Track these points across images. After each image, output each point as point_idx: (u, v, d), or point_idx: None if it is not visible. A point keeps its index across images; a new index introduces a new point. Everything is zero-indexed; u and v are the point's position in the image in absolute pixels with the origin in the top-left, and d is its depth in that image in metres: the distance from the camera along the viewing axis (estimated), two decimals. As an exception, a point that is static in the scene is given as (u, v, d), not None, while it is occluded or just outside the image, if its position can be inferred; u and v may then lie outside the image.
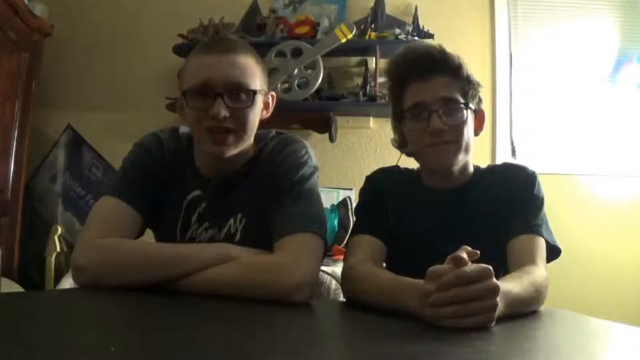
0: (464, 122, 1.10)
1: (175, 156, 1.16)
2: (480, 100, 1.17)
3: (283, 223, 1.03)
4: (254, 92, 1.08)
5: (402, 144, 1.22)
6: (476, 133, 1.17)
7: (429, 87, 1.10)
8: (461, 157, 1.12)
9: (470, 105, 1.12)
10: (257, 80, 1.09)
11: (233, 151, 1.08)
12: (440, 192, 1.17)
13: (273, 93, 1.18)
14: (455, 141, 1.10)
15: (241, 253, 1.00)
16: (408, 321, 0.81)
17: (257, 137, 1.16)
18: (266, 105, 1.16)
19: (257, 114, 1.11)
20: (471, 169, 1.19)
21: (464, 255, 0.78)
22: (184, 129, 1.20)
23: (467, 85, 1.12)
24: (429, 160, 1.15)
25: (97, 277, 0.97)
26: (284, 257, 0.98)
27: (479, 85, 1.16)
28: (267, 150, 1.15)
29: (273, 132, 1.19)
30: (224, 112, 1.04)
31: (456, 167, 1.13)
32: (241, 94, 1.06)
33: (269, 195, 1.09)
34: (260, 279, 0.95)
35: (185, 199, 1.14)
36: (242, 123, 1.07)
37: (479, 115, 1.17)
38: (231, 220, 1.12)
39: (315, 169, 1.13)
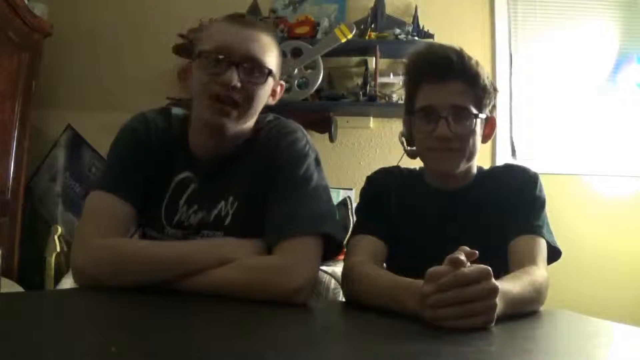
0: (471, 132, 1.09)
1: (164, 136, 1.12)
2: (494, 107, 1.16)
3: (284, 223, 1.01)
4: (269, 72, 1.06)
5: (409, 139, 1.21)
6: (485, 140, 1.16)
7: (441, 91, 1.08)
8: (463, 165, 1.11)
9: (481, 115, 1.10)
10: (273, 61, 1.08)
11: (234, 126, 1.05)
12: (442, 193, 1.17)
13: (283, 83, 1.16)
14: (459, 150, 1.09)
15: (242, 254, 1.00)
16: (408, 321, 0.81)
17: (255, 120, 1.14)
18: (274, 92, 1.13)
19: (265, 94, 1.09)
20: (474, 170, 1.19)
21: (462, 257, 0.78)
22: (176, 111, 1.17)
23: (482, 94, 1.10)
24: (431, 163, 1.15)
25: (98, 278, 0.97)
26: (283, 259, 0.97)
27: (495, 91, 1.15)
28: (264, 133, 1.12)
29: (270, 116, 1.16)
30: (236, 82, 1.01)
31: (458, 172, 1.13)
32: (255, 69, 1.04)
33: (263, 181, 1.06)
34: (260, 282, 0.95)
35: (173, 180, 1.11)
36: (249, 98, 1.05)
37: (490, 122, 1.16)
38: (222, 203, 1.09)
39: (317, 161, 1.10)
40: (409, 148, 1.23)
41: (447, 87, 1.08)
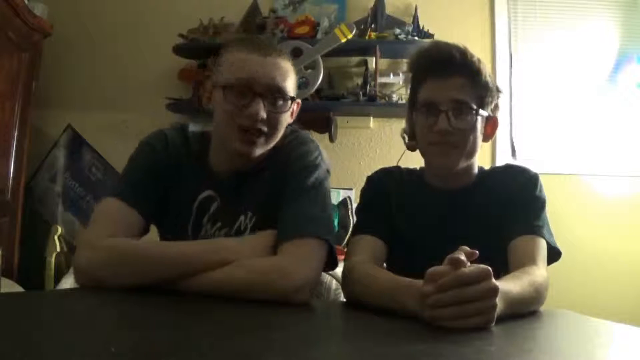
0: (471, 127, 1.09)
1: (183, 155, 1.15)
2: (496, 107, 1.17)
3: (289, 225, 1.02)
4: (292, 99, 1.11)
5: (411, 135, 1.22)
6: (486, 139, 1.16)
7: (443, 86, 1.09)
8: (462, 161, 1.11)
9: (482, 111, 1.11)
10: (292, 85, 1.12)
11: (259, 152, 1.10)
12: (443, 193, 1.17)
13: (299, 101, 1.19)
14: (458, 145, 1.09)
15: (242, 254, 1.00)
16: (408, 321, 0.81)
17: None
18: (292, 112, 1.17)
19: (287, 118, 1.14)
20: (475, 170, 1.19)
21: (462, 257, 0.78)
22: (193, 127, 1.20)
23: (484, 92, 1.11)
24: (430, 158, 1.15)
25: (99, 278, 0.97)
26: (284, 259, 0.98)
27: (498, 91, 1.16)
28: (282, 148, 1.15)
29: (288, 129, 1.19)
30: (262, 114, 1.05)
31: (457, 170, 1.13)
32: (279, 98, 1.08)
33: (278, 193, 1.09)
34: (260, 281, 0.95)
35: (196, 199, 1.14)
36: (274, 127, 1.09)
37: (492, 121, 1.16)
38: (242, 218, 1.13)
39: (328, 172, 1.14)
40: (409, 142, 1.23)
41: (449, 82, 1.09)
